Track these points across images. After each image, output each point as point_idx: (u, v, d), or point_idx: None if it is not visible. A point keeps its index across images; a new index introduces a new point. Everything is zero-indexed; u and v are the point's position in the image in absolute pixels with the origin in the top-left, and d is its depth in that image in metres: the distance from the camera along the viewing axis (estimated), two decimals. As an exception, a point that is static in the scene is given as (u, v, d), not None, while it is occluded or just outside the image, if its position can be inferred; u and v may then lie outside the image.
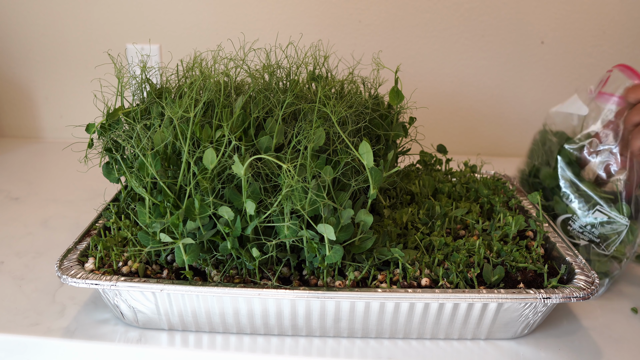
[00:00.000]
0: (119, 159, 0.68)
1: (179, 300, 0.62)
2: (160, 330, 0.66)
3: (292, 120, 0.69)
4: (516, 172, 0.97)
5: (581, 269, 0.65)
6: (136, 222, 0.70)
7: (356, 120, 0.68)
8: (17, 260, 0.81)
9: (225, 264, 0.65)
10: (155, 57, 1.25)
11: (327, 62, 0.78)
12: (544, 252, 0.72)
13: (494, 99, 1.31)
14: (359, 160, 0.63)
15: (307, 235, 0.60)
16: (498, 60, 1.27)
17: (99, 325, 0.66)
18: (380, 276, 0.63)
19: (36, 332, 0.65)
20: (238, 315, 0.63)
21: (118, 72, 0.70)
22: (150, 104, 0.71)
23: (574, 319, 0.70)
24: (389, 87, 0.76)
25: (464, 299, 0.59)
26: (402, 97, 0.74)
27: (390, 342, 0.65)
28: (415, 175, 0.87)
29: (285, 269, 0.66)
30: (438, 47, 1.27)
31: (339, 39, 1.26)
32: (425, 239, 0.69)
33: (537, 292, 0.60)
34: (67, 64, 1.33)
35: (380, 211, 0.76)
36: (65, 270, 0.62)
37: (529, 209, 0.83)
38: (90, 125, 0.69)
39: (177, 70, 0.77)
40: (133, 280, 0.61)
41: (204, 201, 0.61)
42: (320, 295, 0.59)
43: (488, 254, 0.68)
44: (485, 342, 0.65)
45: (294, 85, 0.71)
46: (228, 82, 0.70)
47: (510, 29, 1.24)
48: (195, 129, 0.63)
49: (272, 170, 0.63)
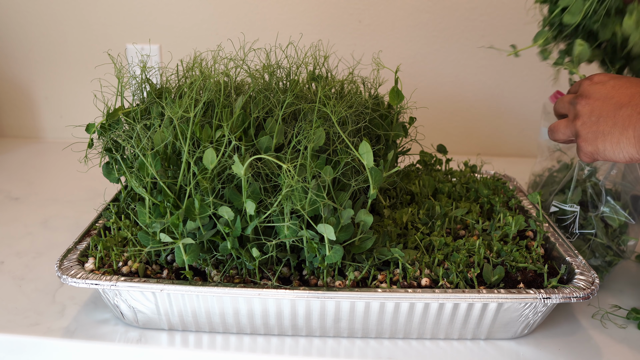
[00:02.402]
0: (119, 159, 0.68)
1: (179, 300, 0.62)
2: (160, 330, 0.66)
3: (292, 120, 0.69)
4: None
5: (581, 269, 0.65)
6: (136, 222, 0.70)
7: (356, 120, 0.68)
8: (17, 260, 0.81)
9: (225, 264, 0.65)
10: (155, 57, 1.25)
11: (327, 62, 0.78)
12: (544, 252, 0.72)
13: (494, 99, 1.31)
14: (359, 160, 0.63)
15: (307, 235, 0.60)
16: (498, 60, 1.27)
17: (99, 325, 0.66)
18: (380, 276, 0.63)
19: (36, 332, 0.65)
20: (238, 315, 0.63)
21: (118, 72, 0.70)
22: (150, 104, 0.71)
23: (574, 319, 0.70)
24: (389, 87, 0.76)
25: (464, 299, 0.59)
26: (402, 97, 0.74)
27: (390, 342, 0.65)
28: (415, 175, 0.87)
29: (285, 269, 0.66)
30: (438, 47, 1.27)
31: (339, 39, 1.26)
32: (425, 239, 0.69)
33: (537, 292, 0.60)
34: (67, 64, 1.33)
35: (380, 211, 0.76)
36: (65, 270, 0.62)
37: (529, 209, 0.83)
38: (90, 125, 0.69)
39: (177, 70, 0.77)
40: (133, 280, 0.61)
41: (204, 201, 0.61)
42: (320, 295, 0.59)
43: (488, 254, 0.68)
44: (485, 342, 0.65)
45: (294, 85, 0.71)
46: (228, 82, 0.70)
47: (510, 29, 1.24)
48: (195, 129, 0.63)
49: (272, 170, 0.63)
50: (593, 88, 0.63)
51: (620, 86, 0.61)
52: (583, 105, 0.63)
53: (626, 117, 0.58)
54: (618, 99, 0.60)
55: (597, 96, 0.62)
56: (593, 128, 0.61)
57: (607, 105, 0.60)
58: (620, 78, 0.62)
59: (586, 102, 0.63)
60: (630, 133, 0.57)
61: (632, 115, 0.57)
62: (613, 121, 0.59)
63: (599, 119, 0.61)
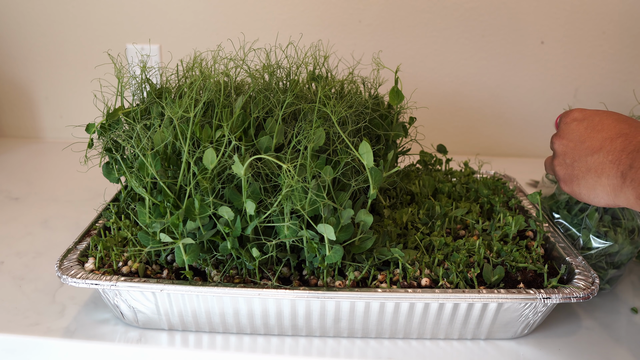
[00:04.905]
0: (119, 159, 0.68)
1: (179, 300, 0.62)
2: (160, 330, 0.66)
3: (292, 120, 0.69)
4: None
5: (581, 269, 0.65)
6: (136, 222, 0.70)
7: (356, 120, 0.68)
8: (17, 260, 0.81)
9: (225, 264, 0.65)
10: (155, 57, 1.25)
11: (327, 62, 0.78)
12: (544, 252, 0.72)
13: (494, 99, 1.31)
14: (359, 160, 0.63)
15: (307, 235, 0.60)
16: (498, 60, 1.27)
17: (99, 325, 0.66)
18: (380, 276, 0.63)
19: (36, 332, 0.65)
20: (238, 315, 0.63)
21: (118, 72, 0.70)
22: (150, 104, 0.71)
23: (574, 319, 0.70)
24: (389, 87, 0.76)
25: (464, 299, 0.59)
26: (402, 97, 0.74)
27: (390, 342, 0.65)
28: (415, 175, 0.87)
29: (285, 269, 0.66)
30: (438, 47, 1.27)
31: (339, 39, 1.26)
32: (425, 239, 0.69)
33: (537, 292, 0.60)
34: (67, 64, 1.33)
35: (380, 211, 0.76)
36: (65, 270, 0.62)
37: (529, 209, 0.83)
38: (90, 125, 0.69)
39: (177, 70, 0.77)
40: (133, 280, 0.61)
41: (204, 201, 0.61)
42: (320, 295, 0.59)
43: (488, 254, 0.68)
44: (485, 342, 0.65)
45: (294, 85, 0.71)
46: (228, 82, 0.70)
47: (510, 29, 1.24)
48: (195, 129, 0.63)
49: (272, 170, 0.63)
50: (568, 127, 0.61)
51: (593, 128, 0.59)
52: (558, 145, 0.62)
53: (598, 164, 0.56)
54: (590, 144, 0.58)
55: (570, 137, 0.60)
56: (568, 171, 0.60)
57: (579, 150, 0.59)
58: (595, 117, 0.60)
59: (560, 142, 0.61)
60: (605, 181, 0.56)
61: (604, 163, 0.56)
62: (586, 167, 0.58)
63: (573, 163, 0.59)
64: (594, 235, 0.72)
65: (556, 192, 0.80)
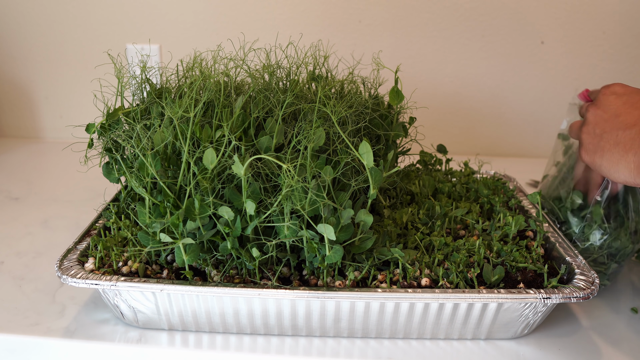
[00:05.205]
0: (119, 159, 0.68)
1: (179, 300, 0.62)
2: (160, 330, 0.66)
3: (292, 120, 0.69)
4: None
5: (581, 269, 0.65)
6: (136, 222, 0.70)
7: (356, 120, 0.68)
8: (17, 260, 0.81)
9: (225, 264, 0.65)
10: (155, 57, 1.25)
11: (327, 62, 0.78)
12: (544, 252, 0.72)
13: (494, 99, 1.31)
14: (359, 160, 0.63)
15: (307, 235, 0.60)
16: (498, 60, 1.27)
17: (99, 325, 0.66)
18: (380, 276, 0.63)
19: (36, 332, 0.65)
20: (238, 315, 0.63)
21: (118, 72, 0.70)
22: (150, 104, 0.71)
23: (574, 319, 0.70)
24: (389, 87, 0.76)
25: (464, 299, 0.59)
26: (402, 97, 0.74)
27: (390, 342, 0.65)
28: (415, 175, 0.87)
29: (285, 269, 0.66)
30: (438, 47, 1.27)
31: (339, 39, 1.26)
32: (425, 239, 0.69)
33: (537, 292, 0.60)
34: (67, 64, 1.33)
35: (380, 211, 0.76)
36: (65, 270, 0.62)
37: (529, 209, 0.83)
38: (90, 125, 0.69)
39: (177, 70, 0.77)
40: (133, 280, 0.61)
41: (204, 201, 0.61)
42: (320, 295, 0.59)
43: (488, 254, 0.68)
44: (485, 342, 0.65)
45: (294, 85, 0.71)
46: (228, 82, 0.70)
47: (510, 29, 1.24)
48: (195, 129, 0.63)
49: (272, 170, 0.63)
50: (606, 99, 0.61)
51: (632, 105, 0.58)
52: (592, 113, 0.61)
53: (628, 140, 0.56)
54: (624, 119, 0.58)
55: (606, 108, 0.60)
56: (595, 140, 0.60)
57: (612, 122, 0.59)
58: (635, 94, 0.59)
59: (595, 111, 0.61)
60: (631, 158, 0.56)
61: (635, 139, 0.56)
62: (615, 140, 0.57)
63: (602, 134, 0.59)
64: (597, 230, 0.72)
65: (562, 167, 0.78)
